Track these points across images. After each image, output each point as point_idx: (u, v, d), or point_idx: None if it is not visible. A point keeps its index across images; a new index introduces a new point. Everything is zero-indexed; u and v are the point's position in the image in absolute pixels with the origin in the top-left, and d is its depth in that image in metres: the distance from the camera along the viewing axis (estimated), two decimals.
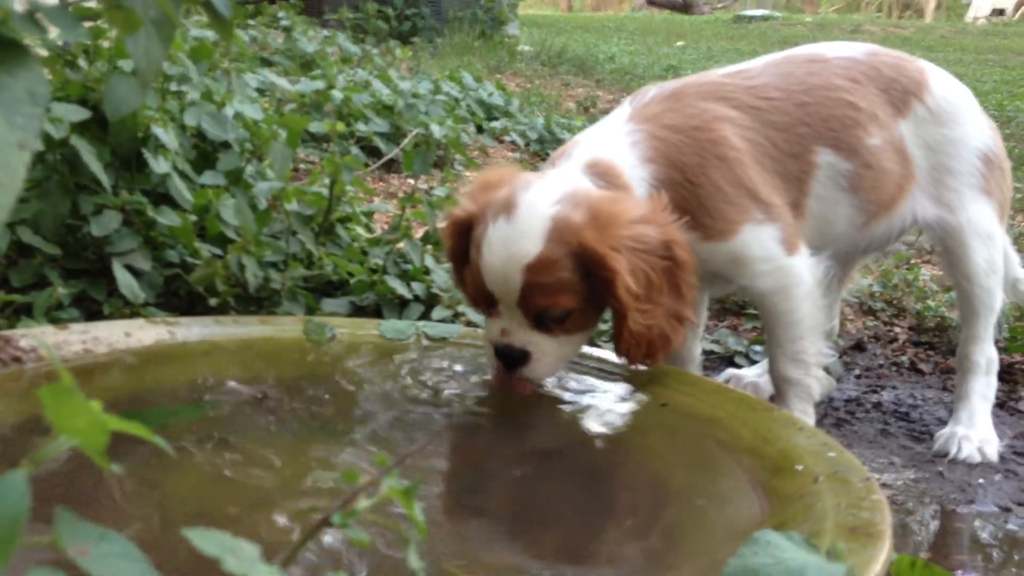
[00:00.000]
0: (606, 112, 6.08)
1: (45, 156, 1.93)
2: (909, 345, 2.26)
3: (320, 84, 2.95)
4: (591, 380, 1.68)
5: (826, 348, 1.70)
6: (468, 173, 3.81)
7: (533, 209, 1.44)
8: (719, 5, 26.31)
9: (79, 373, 1.54)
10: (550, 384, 1.63)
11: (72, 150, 1.90)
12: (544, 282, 1.44)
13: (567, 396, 1.63)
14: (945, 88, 1.74)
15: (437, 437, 1.47)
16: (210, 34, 2.69)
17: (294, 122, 2.27)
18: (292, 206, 2.18)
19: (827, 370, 2.03)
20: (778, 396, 1.67)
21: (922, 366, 2.14)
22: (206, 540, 0.59)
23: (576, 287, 1.44)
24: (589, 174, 1.52)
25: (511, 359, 1.51)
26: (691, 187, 1.52)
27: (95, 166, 1.88)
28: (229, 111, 2.39)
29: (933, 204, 1.72)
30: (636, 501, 1.32)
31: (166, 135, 2.08)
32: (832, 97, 1.65)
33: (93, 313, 1.84)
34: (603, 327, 2.05)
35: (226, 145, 2.32)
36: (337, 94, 2.94)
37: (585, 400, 1.63)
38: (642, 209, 1.47)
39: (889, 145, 1.67)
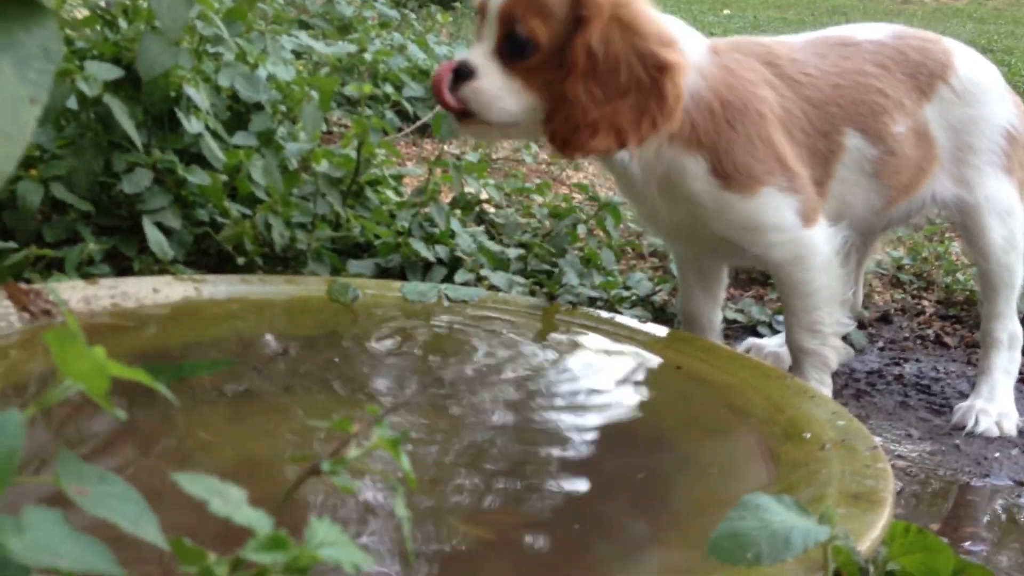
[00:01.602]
0: None
1: (79, 114, 1.97)
2: (936, 318, 2.24)
3: (353, 48, 2.96)
4: (606, 341, 1.69)
5: (844, 318, 1.69)
6: None
7: None
8: None
9: (107, 328, 1.59)
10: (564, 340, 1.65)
11: (105, 108, 1.93)
12: (531, 5, 1.42)
13: (581, 355, 1.65)
14: (970, 67, 1.72)
15: (441, 392, 1.49)
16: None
17: (325, 83, 2.29)
18: (321, 168, 2.20)
19: (849, 341, 2.03)
20: (795, 366, 1.67)
21: (947, 339, 2.12)
22: (194, 484, 0.62)
23: (555, 25, 1.42)
24: None
25: (460, 72, 1.46)
26: (726, 125, 1.51)
27: (127, 124, 1.91)
28: (262, 72, 2.41)
29: (952, 183, 1.71)
30: (643, 463, 1.34)
31: (198, 95, 2.10)
32: (862, 82, 1.64)
33: (123, 269, 1.88)
34: (623, 292, 2.07)
35: (259, 106, 2.34)
36: (369, 57, 2.94)
37: (599, 361, 1.64)
38: (665, 28, 1.46)
39: (913, 131, 1.66)
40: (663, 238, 1.88)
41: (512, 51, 1.45)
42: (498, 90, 1.45)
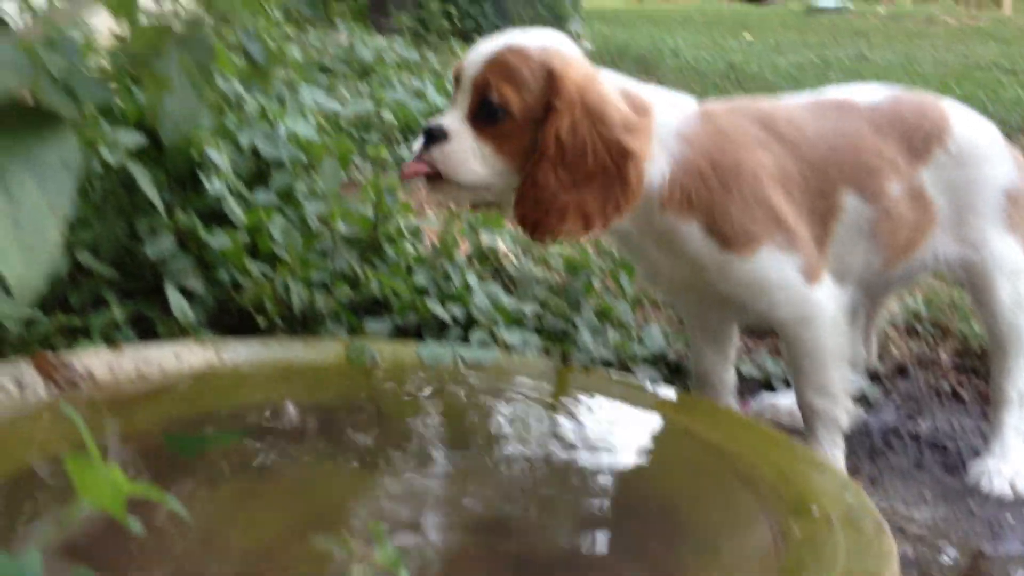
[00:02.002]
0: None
1: (103, 181, 2.02)
2: (952, 370, 2.25)
3: (370, 105, 3.02)
4: (618, 405, 1.71)
5: (853, 377, 1.71)
6: None
7: (550, 36, 1.54)
8: None
9: (132, 396, 1.63)
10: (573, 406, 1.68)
11: (128, 174, 1.98)
12: (508, 63, 1.48)
13: (592, 419, 1.67)
14: (967, 129, 1.74)
15: (452, 459, 1.52)
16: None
17: (342, 147, 2.34)
18: (339, 226, 2.25)
19: (865, 396, 2.04)
20: (806, 426, 1.69)
21: (963, 393, 2.13)
22: None
23: (528, 98, 1.47)
24: (617, 90, 1.55)
25: (431, 135, 1.52)
26: (719, 188, 1.54)
27: (150, 191, 1.96)
28: (282, 129, 2.46)
29: (956, 243, 1.73)
30: (649, 531, 1.36)
31: (219, 157, 2.15)
32: (859, 144, 1.67)
33: (148, 331, 1.92)
34: (637, 348, 2.09)
35: (279, 163, 2.40)
36: (387, 115, 3.00)
37: (610, 425, 1.67)
38: (628, 113, 1.50)
39: (908, 192, 1.68)
40: (667, 295, 1.90)
41: (484, 117, 1.50)
42: (468, 152, 1.50)
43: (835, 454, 1.66)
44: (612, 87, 1.53)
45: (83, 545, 1.13)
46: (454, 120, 1.52)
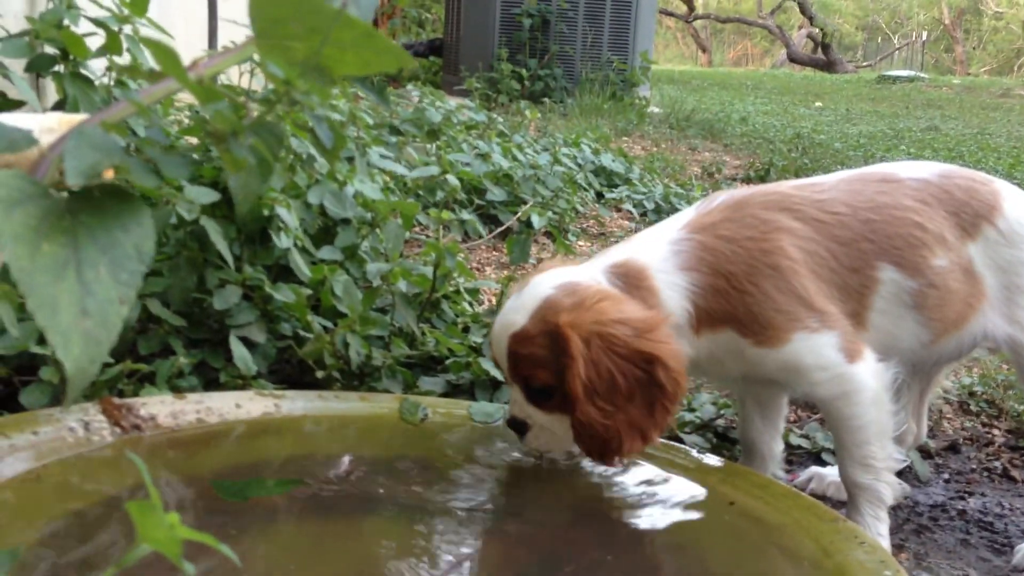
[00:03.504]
0: (732, 179, 6.08)
1: (177, 232, 2.12)
2: (1005, 449, 2.22)
3: (435, 169, 3.11)
4: (665, 472, 1.74)
5: (897, 453, 1.71)
6: (580, 244, 3.92)
7: (534, 290, 1.60)
8: (864, 64, 25.86)
9: (192, 442, 1.70)
10: (622, 475, 1.70)
11: (201, 229, 2.08)
12: (524, 353, 1.58)
13: (635, 487, 1.69)
14: (1018, 209, 1.75)
15: (495, 517, 1.55)
16: (337, 116, 2.89)
17: (406, 208, 2.42)
18: (400, 284, 2.32)
19: (914, 472, 2.03)
20: (849, 501, 1.69)
21: (1015, 472, 2.11)
22: None
23: (552, 365, 1.54)
24: (610, 273, 1.61)
25: (515, 427, 1.66)
26: (738, 294, 1.58)
27: (221, 245, 2.05)
28: (350, 189, 2.56)
29: (1005, 322, 1.73)
30: None
31: (288, 215, 2.24)
32: (899, 216, 1.69)
33: (211, 380, 2.00)
34: (687, 415, 2.11)
35: (345, 221, 2.49)
36: (452, 179, 3.08)
37: (653, 492, 1.69)
38: (635, 315, 1.54)
39: (956, 266, 1.69)
40: (716, 381, 1.94)
41: (537, 398, 1.61)
42: (551, 435, 1.63)
43: (878, 528, 1.66)
44: (604, 283, 1.60)
45: None
46: (521, 408, 1.64)
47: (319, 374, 2.06)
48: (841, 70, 22.53)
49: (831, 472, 1.97)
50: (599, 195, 4.80)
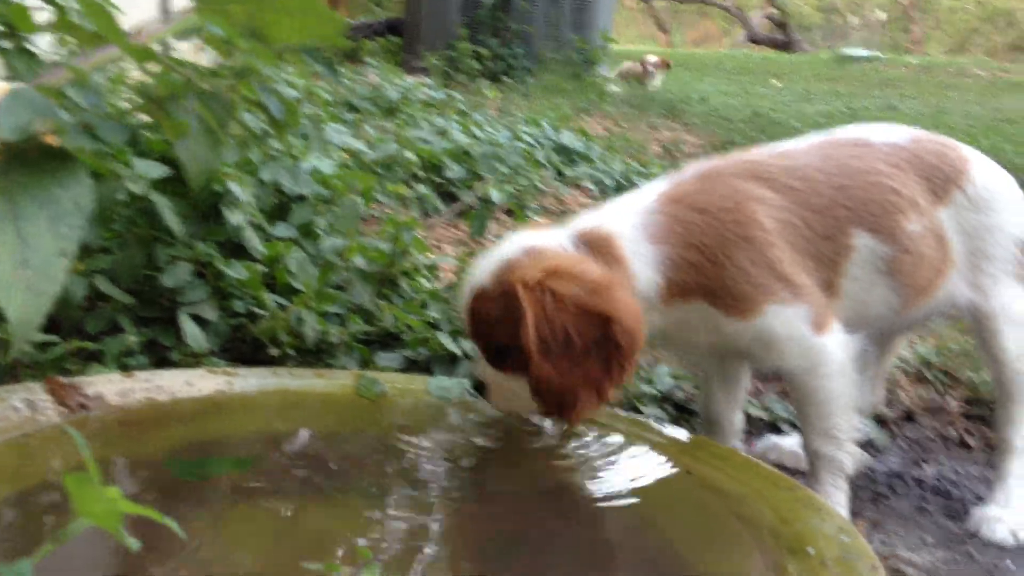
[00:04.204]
0: (692, 157, 6.12)
1: (125, 210, 2.07)
2: (960, 417, 2.24)
3: (393, 147, 3.07)
4: (624, 443, 1.73)
5: (859, 423, 1.71)
6: (541, 220, 3.89)
7: (498, 252, 1.60)
8: (823, 44, 26.02)
9: (142, 421, 1.66)
10: (577, 449, 1.69)
11: (151, 204, 2.03)
12: (482, 312, 1.58)
13: (596, 460, 1.68)
14: (986, 176, 1.76)
15: (454, 492, 1.54)
16: (293, 92, 2.83)
17: (364, 180, 2.39)
18: (356, 260, 2.28)
19: (871, 442, 2.04)
20: (810, 470, 1.69)
21: (970, 440, 2.13)
22: None
23: (509, 325, 1.52)
24: (577, 240, 1.59)
25: (477, 388, 1.68)
26: (711, 266, 1.57)
27: (172, 221, 2.01)
28: (306, 166, 2.52)
29: (968, 288, 1.74)
30: (648, 570, 1.36)
31: (240, 191, 2.20)
32: (873, 182, 1.68)
33: (162, 359, 1.96)
34: (646, 388, 2.10)
35: (301, 198, 2.45)
36: (409, 154, 3.05)
37: (614, 463, 1.68)
38: (591, 274, 1.53)
39: (929, 231, 1.69)
40: (682, 351, 1.93)
41: (497, 359, 1.62)
42: (510, 395, 1.63)
43: (838, 497, 1.66)
44: (567, 250, 1.59)
45: (78, 564, 1.16)
46: (484, 368, 1.65)
47: (273, 352, 2.02)
48: (799, 50, 22.65)
49: (787, 441, 1.98)
50: (559, 173, 4.78)
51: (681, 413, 2.07)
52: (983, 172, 1.77)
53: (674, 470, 1.64)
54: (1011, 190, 1.78)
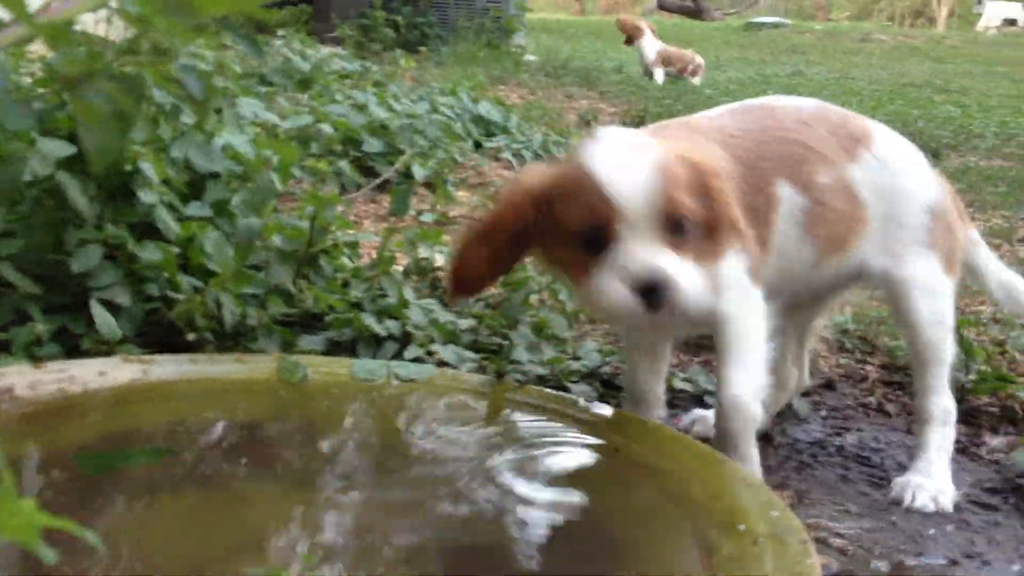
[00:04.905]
0: (608, 125, 6.09)
1: (31, 192, 1.98)
2: (879, 384, 2.29)
3: (308, 119, 3.00)
4: (551, 423, 1.72)
5: (783, 394, 1.74)
6: (460, 194, 3.86)
7: (635, 134, 1.57)
8: (731, 11, 26.30)
9: (54, 413, 1.59)
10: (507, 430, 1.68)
11: (57, 185, 1.94)
12: (673, 183, 1.43)
13: (525, 441, 1.67)
14: (891, 142, 1.80)
15: (382, 478, 1.51)
16: (203, 66, 2.74)
17: (285, 153, 2.32)
18: (274, 240, 2.23)
19: (793, 410, 2.07)
20: (722, 425, 1.64)
21: (889, 407, 2.17)
22: None
23: (694, 200, 1.46)
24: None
25: (654, 286, 1.40)
26: None
27: (80, 202, 1.93)
28: (219, 141, 2.44)
29: (881, 253, 1.76)
30: (580, 551, 1.36)
31: (151, 170, 2.12)
32: (784, 136, 1.71)
33: (74, 347, 1.88)
34: (573, 364, 2.10)
35: (214, 176, 2.37)
36: (326, 128, 2.98)
37: (543, 443, 1.67)
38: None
39: (840, 185, 1.72)
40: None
41: (680, 235, 1.44)
42: (697, 284, 1.44)
43: (751, 453, 1.65)
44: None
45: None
46: (662, 257, 1.42)
47: (190, 336, 1.96)
48: (709, 18, 22.87)
49: (713, 413, 1.99)
50: (477, 144, 4.74)
51: (608, 389, 2.07)
52: (888, 137, 1.82)
53: (601, 449, 1.64)
54: (916, 157, 1.82)
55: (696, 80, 9.48)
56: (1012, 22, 22.08)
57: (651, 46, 9.67)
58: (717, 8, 25.45)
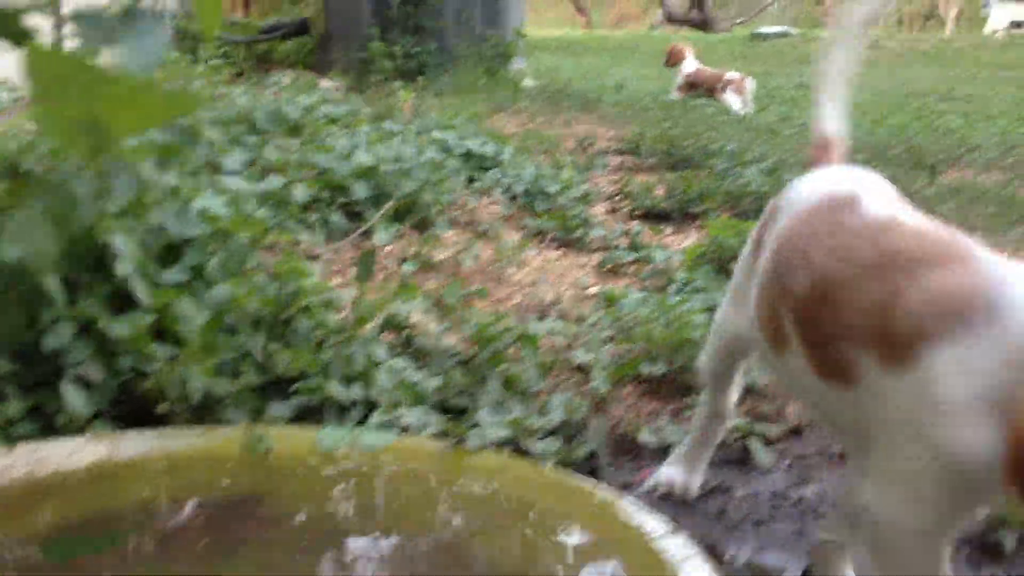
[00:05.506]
0: (605, 152, 6.10)
1: (2, 271, 2.04)
2: None
3: (279, 182, 3.06)
4: (506, 495, 1.76)
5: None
6: (449, 234, 3.91)
7: None
8: (738, 21, 26.30)
9: (23, 497, 1.65)
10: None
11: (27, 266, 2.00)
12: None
13: (478, 513, 1.71)
14: None
15: (351, 565, 1.56)
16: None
17: (253, 227, 2.38)
18: (249, 302, 2.28)
19: (755, 459, 2.10)
20: None
21: None
22: None
23: None
24: None
25: None
26: None
27: (50, 283, 1.98)
28: (196, 205, 2.50)
29: None
30: None
31: (123, 243, 2.18)
32: None
33: (48, 424, 1.94)
34: (538, 423, 2.13)
35: (190, 241, 2.43)
36: (298, 194, 3.04)
37: (496, 519, 1.71)
38: None
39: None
40: None
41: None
42: None
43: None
44: None
45: None
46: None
47: (161, 408, 2.01)
48: (716, 28, 22.89)
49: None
50: (471, 179, 4.78)
51: (575, 443, 2.10)
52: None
53: (555, 521, 1.68)
54: None
55: (734, 100, 9.10)
56: (1019, 24, 22.01)
57: (685, 69, 9.63)
58: (724, 18, 25.46)
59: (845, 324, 1.33)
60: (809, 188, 1.62)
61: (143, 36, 1.31)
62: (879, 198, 1.49)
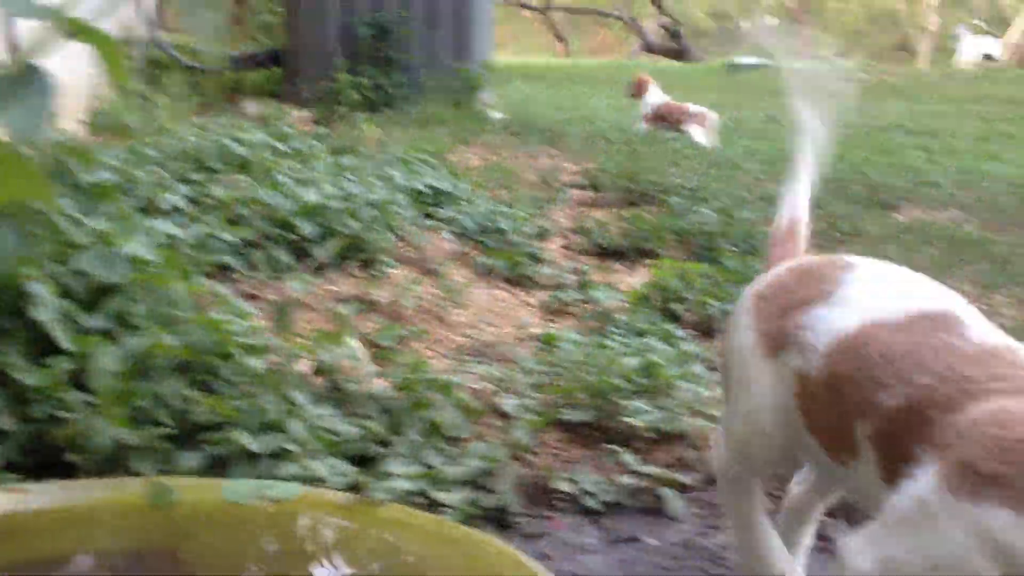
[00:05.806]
0: (568, 186, 6.11)
1: None
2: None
3: (205, 229, 3.09)
4: (415, 549, 1.77)
5: None
6: (395, 272, 3.92)
7: None
8: (715, 50, 26.53)
9: None
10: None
11: None
12: None
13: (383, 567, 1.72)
14: None
15: None
16: (109, 177, 2.83)
17: (184, 272, 2.40)
18: (169, 349, 2.28)
19: (667, 509, 2.12)
20: None
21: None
22: None
23: None
24: None
25: None
26: None
27: None
28: (124, 250, 2.51)
29: None
30: None
31: (43, 290, 2.19)
32: None
33: None
34: (451, 473, 2.14)
35: (114, 287, 2.44)
36: (228, 237, 3.07)
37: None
38: None
39: None
40: None
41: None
42: None
43: None
44: None
45: None
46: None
47: (73, 458, 2.02)
48: (693, 58, 23.09)
49: None
50: (427, 215, 4.80)
51: (485, 494, 2.11)
52: None
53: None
54: None
55: (696, 133, 9.12)
56: (989, 57, 22.32)
57: (651, 100, 9.66)
58: (702, 48, 25.70)
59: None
60: (879, 299, 1.55)
61: (30, 99, 1.33)
62: (979, 320, 1.49)
